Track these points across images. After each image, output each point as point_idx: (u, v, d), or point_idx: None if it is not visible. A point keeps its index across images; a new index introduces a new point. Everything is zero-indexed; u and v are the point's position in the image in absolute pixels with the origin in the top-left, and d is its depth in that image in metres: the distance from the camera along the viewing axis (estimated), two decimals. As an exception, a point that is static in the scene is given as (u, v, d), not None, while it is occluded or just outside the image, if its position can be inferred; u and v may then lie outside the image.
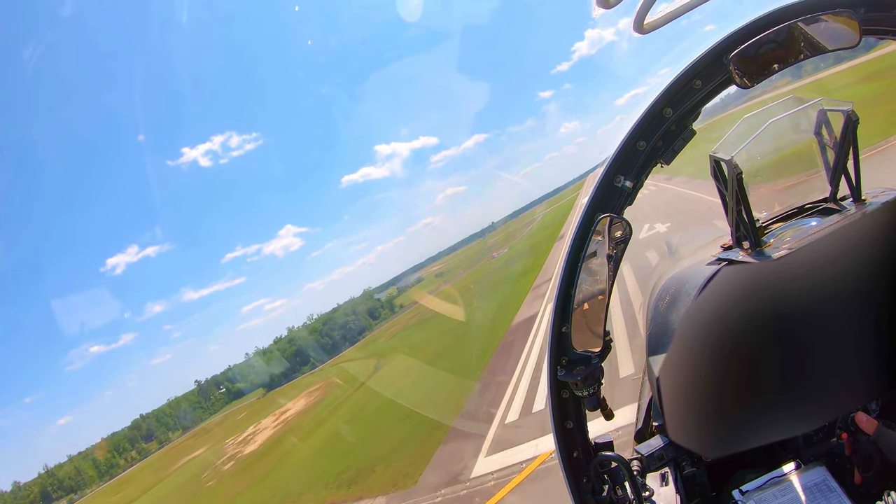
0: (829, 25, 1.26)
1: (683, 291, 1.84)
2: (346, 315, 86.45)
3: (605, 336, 1.52)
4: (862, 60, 24.90)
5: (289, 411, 40.06)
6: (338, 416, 25.58)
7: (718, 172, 1.60)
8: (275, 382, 74.53)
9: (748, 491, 1.51)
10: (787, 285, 1.48)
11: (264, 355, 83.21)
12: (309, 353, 77.29)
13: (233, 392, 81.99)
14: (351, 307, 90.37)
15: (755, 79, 1.32)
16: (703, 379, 1.58)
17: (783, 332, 1.45)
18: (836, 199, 1.72)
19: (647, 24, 1.47)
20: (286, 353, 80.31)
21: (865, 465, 1.46)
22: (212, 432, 57.76)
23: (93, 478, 69.85)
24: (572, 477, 1.63)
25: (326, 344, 78.43)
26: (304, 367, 74.30)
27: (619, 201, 1.49)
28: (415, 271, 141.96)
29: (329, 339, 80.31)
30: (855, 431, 1.50)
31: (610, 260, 1.47)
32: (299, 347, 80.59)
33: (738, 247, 1.68)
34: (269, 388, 73.40)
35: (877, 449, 1.42)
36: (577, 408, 1.62)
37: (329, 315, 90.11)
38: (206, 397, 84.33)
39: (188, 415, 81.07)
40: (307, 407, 37.09)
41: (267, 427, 37.41)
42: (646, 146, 1.47)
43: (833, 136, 1.62)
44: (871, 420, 1.44)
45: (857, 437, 1.50)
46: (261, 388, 76.41)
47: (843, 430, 1.54)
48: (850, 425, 1.51)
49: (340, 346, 73.44)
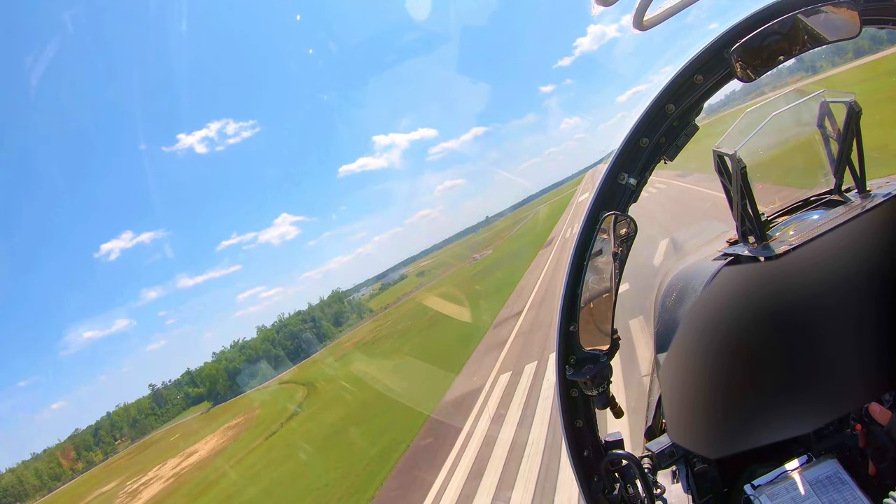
0: (830, 16, 1.26)
1: (690, 287, 1.84)
2: (303, 323, 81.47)
3: (612, 334, 1.52)
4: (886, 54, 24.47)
5: (194, 455, 37.37)
6: (233, 476, 23.27)
7: (722, 167, 1.60)
8: (221, 397, 70.34)
9: (760, 485, 1.51)
10: (794, 279, 1.48)
11: (216, 364, 78.22)
12: (259, 364, 72.80)
13: (191, 397, 77.61)
14: (315, 310, 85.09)
15: (759, 70, 1.32)
16: (709, 376, 1.57)
17: (791, 326, 1.45)
18: (840, 191, 1.71)
19: (646, 21, 1.47)
20: (234, 363, 75.56)
21: (880, 456, 1.45)
22: (118, 466, 54.19)
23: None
24: (583, 476, 1.63)
25: (278, 356, 73.75)
26: (252, 380, 70.41)
27: (624, 199, 1.50)
28: (404, 266, 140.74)
29: (281, 350, 75.50)
30: (869, 422, 1.49)
31: (616, 258, 1.47)
32: (250, 357, 76.13)
33: (743, 241, 1.68)
34: (217, 400, 69.56)
35: (891, 440, 1.41)
36: (587, 406, 1.62)
37: (286, 321, 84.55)
38: (161, 403, 79.98)
39: (127, 428, 75.20)
40: (208, 456, 34.26)
41: (160, 478, 35.04)
42: (649, 143, 1.47)
43: (836, 128, 1.62)
44: (886, 411, 1.43)
45: (871, 429, 1.49)
46: (208, 401, 72.19)
47: (857, 421, 1.53)
48: (864, 416, 1.50)
49: (295, 357, 69.69)
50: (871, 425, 1.48)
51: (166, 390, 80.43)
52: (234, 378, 71.99)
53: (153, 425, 74.66)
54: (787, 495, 1.46)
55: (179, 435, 52.90)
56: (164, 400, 79.37)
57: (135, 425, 75.86)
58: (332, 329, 77.70)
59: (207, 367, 76.81)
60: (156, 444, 58.46)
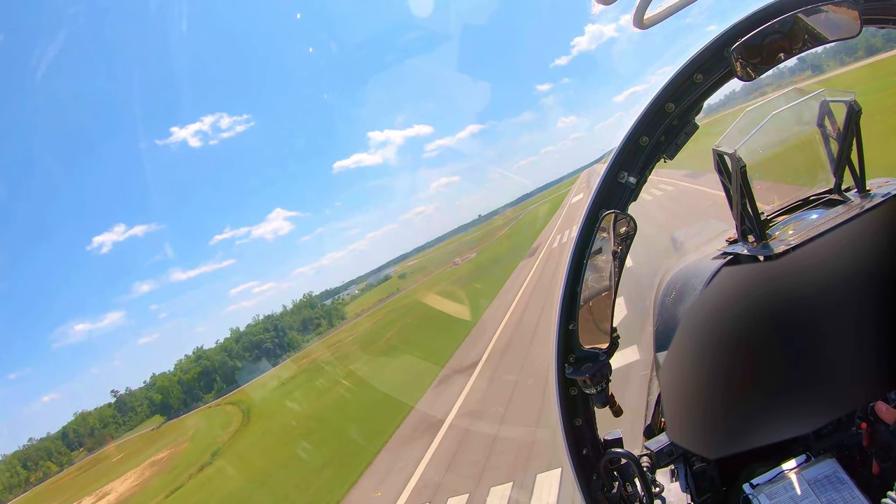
0: (830, 16, 1.26)
1: (689, 286, 1.84)
2: (265, 332, 74.79)
3: (612, 333, 1.52)
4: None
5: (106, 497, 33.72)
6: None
7: (722, 166, 1.60)
8: (174, 411, 64.94)
9: (758, 484, 1.51)
10: (794, 278, 1.48)
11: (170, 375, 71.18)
12: (213, 378, 66.57)
13: (156, 404, 70.66)
14: (285, 316, 78.36)
15: (759, 69, 1.32)
16: (708, 375, 1.57)
17: (791, 325, 1.45)
18: (840, 191, 1.71)
19: (647, 20, 1.47)
20: (189, 374, 69.04)
21: (884, 454, 1.45)
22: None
23: None
24: (582, 474, 1.63)
25: (234, 368, 67.08)
26: (207, 394, 64.74)
27: (624, 197, 1.49)
28: (397, 262, 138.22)
29: (239, 362, 68.82)
30: (874, 421, 1.49)
31: (615, 256, 1.47)
32: (205, 369, 68.90)
33: (743, 240, 1.68)
34: (171, 415, 63.70)
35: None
36: (586, 405, 1.62)
37: (247, 330, 77.10)
38: (123, 411, 72.97)
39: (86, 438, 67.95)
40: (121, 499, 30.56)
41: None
42: (649, 142, 1.47)
43: (836, 127, 1.62)
44: (892, 410, 1.43)
45: (876, 427, 1.49)
46: (162, 414, 66.07)
47: (863, 420, 1.53)
48: (870, 415, 1.50)
49: (253, 371, 63.40)
50: (876, 424, 1.48)
51: (129, 396, 74.50)
52: (190, 391, 67.28)
53: (113, 434, 69.69)
54: (786, 494, 1.46)
55: (119, 458, 49.85)
56: (126, 407, 73.79)
57: (93, 434, 70.38)
58: (297, 338, 73.17)
59: (160, 380, 71.31)
60: (99, 463, 54.40)
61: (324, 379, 31.83)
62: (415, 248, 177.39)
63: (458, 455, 9.17)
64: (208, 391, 65.84)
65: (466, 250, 79.05)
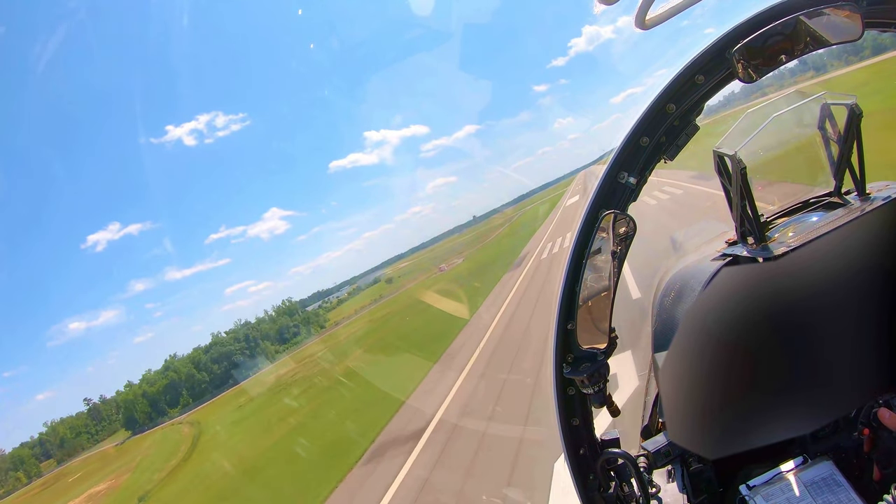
0: (832, 18, 1.26)
1: (688, 287, 1.84)
2: (236, 342, 69.12)
3: (610, 333, 1.52)
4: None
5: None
6: None
7: (722, 167, 1.60)
8: (139, 426, 60.43)
9: (755, 486, 1.51)
10: (794, 279, 1.48)
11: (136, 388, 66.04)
12: (179, 392, 62.17)
13: (122, 417, 66.84)
14: (263, 324, 73.01)
15: (761, 71, 1.32)
16: (707, 376, 1.58)
17: (789, 327, 1.45)
18: (840, 194, 1.72)
19: (648, 20, 1.47)
20: (155, 387, 64.32)
21: (885, 461, 1.45)
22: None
23: None
24: (579, 474, 1.64)
25: (202, 382, 62.37)
26: (173, 408, 60.59)
27: (623, 198, 1.50)
28: (391, 264, 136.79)
29: (207, 375, 63.93)
30: (877, 427, 1.49)
31: (614, 256, 1.47)
32: (172, 382, 64.29)
33: (742, 242, 1.68)
34: (136, 430, 59.72)
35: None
36: (583, 405, 1.62)
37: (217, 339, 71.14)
38: (97, 419, 68.37)
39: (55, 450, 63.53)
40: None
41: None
42: (649, 142, 1.47)
43: (837, 130, 1.62)
44: (895, 416, 1.43)
45: (878, 433, 1.49)
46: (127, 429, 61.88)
47: (865, 426, 1.54)
48: (872, 421, 1.51)
49: (220, 384, 59.11)
50: (878, 430, 1.48)
51: (104, 405, 69.90)
52: (156, 404, 63.07)
53: (84, 445, 65.02)
54: (783, 496, 1.46)
55: (74, 478, 46.89)
56: (101, 416, 69.21)
57: (62, 445, 65.84)
58: (271, 349, 68.26)
59: (124, 393, 66.71)
60: (60, 479, 50.83)
61: (277, 407, 29.53)
62: (410, 248, 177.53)
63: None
64: (174, 405, 62.03)
65: (454, 255, 76.28)
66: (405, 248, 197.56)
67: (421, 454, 9.88)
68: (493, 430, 9.15)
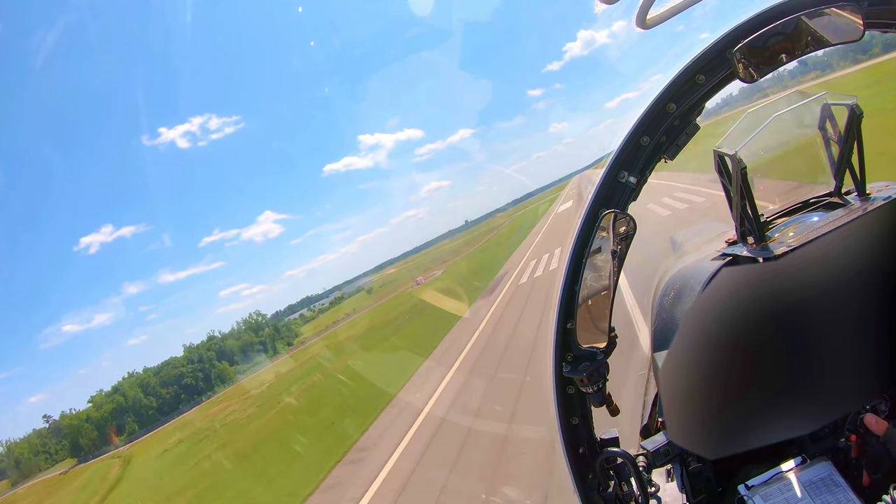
0: (833, 19, 1.26)
1: (688, 287, 1.84)
2: (188, 363, 62.38)
3: (609, 332, 1.52)
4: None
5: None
6: None
7: (722, 167, 1.59)
8: (84, 454, 53.87)
9: (753, 486, 1.51)
10: (793, 280, 1.48)
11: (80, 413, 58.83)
12: (125, 419, 55.84)
13: (66, 445, 58.65)
14: (227, 339, 66.03)
15: (761, 71, 1.32)
16: (705, 377, 1.58)
17: (789, 327, 1.45)
18: (840, 194, 1.71)
19: (649, 19, 1.47)
20: (101, 412, 57.84)
21: (874, 466, 1.45)
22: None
23: None
24: (578, 473, 1.64)
25: (148, 408, 56.34)
26: (120, 436, 54.37)
27: (623, 197, 1.50)
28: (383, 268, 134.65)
29: (155, 400, 58.02)
30: (864, 433, 1.49)
31: (614, 256, 1.47)
32: (119, 406, 57.73)
33: (742, 242, 1.68)
34: (82, 458, 52.91)
35: (886, 451, 1.40)
36: (583, 404, 1.62)
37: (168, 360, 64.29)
38: (59, 437, 60.93)
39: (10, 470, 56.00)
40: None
41: None
42: (649, 142, 1.47)
43: (837, 131, 1.62)
44: (881, 421, 1.43)
45: (866, 439, 1.49)
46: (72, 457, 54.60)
47: (852, 432, 1.54)
48: (860, 427, 1.50)
49: (169, 411, 53.72)
50: (866, 436, 1.48)
51: (69, 419, 60.95)
52: (102, 430, 56.28)
53: (41, 466, 57.35)
54: (781, 496, 1.46)
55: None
56: (62, 434, 61.03)
57: (18, 466, 57.79)
58: (229, 371, 61.27)
59: (66, 419, 59.09)
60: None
61: (213, 443, 26.07)
62: (404, 252, 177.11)
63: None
64: (120, 433, 55.91)
65: (438, 264, 72.13)
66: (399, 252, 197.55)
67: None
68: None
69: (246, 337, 68.58)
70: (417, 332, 25.87)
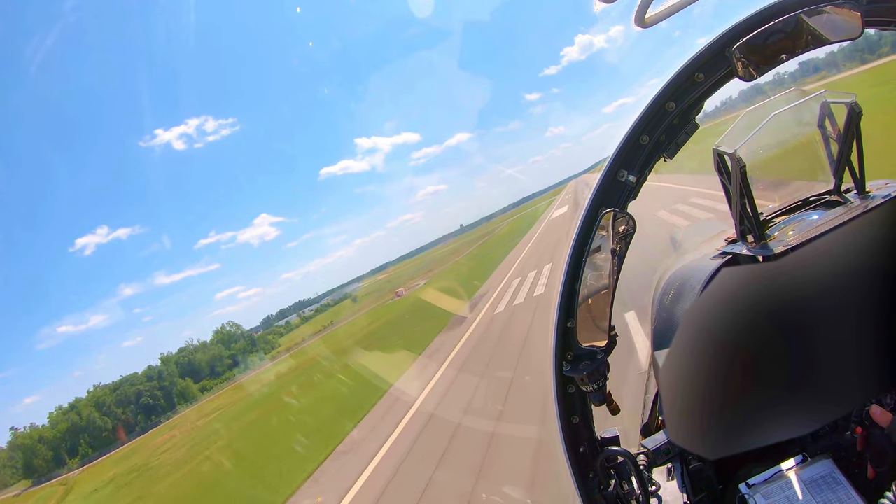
0: (832, 17, 1.26)
1: (688, 286, 1.84)
2: (148, 380, 57.62)
3: (610, 331, 1.52)
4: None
5: None
6: None
7: (722, 166, 1.60)
8: (40, 476, 50.88)
9: (754, 484, 1.51)
10: (793, 279, 1.47)
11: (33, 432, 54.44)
12: (79, 440, 51.62)
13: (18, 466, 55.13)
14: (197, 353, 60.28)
15: (761, 68, 1.32)
16: (707, 375, 1.57)
17: (789, 326, 1.44)
18: (840, 192, 1.72)
19: (648, 18, 1.47)
20: (55, 431, 53.35)
21: (879, 459, 1.44)
22: None
23: None
24: (578, 472, 1.64)
25: (101, 430, 51.98)
26: (73, 458, 50.59)
27: (623, 196, 1.50)
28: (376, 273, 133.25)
29: (111, 421, 53.63)
30: (869, 425, 1.49)
31: (614, 255, 1.47)
32: (74, 426, 53.04)
33: (742, 240, 1.68)
34: (38, 479, 50.26)
35: (891, 443, 1.40)
36: (583, 403, 1.62)
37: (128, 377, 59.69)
38: (15, 454, 56.97)
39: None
40: None
41: None
42: (649, 140, 1.47)
43: (837, 129, 1.62)
44: (886, 413, 1.42)
45: (871, 431, 1.49)
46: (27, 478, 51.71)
47: (858, 424, 1.53)
48: (865, 419, 1.50)
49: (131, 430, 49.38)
50: (871, 428, 1.48)
51: (23, 438, 57.01)
52: (57, 450, 51.92)
53: (7, 482, 53.97)
54: (782, 494, 1.46)
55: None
56: (25, 448, 56.89)
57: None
58: (192, 389, 56.73)
59: (20, 437, 55.17)
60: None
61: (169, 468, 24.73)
62: (399, 255, 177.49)
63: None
64: (73, 455, 51.99)
65: (423, 273, 70.42)
66: (395, 256, 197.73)
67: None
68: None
69: (214, 350, 63.03)
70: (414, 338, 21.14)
